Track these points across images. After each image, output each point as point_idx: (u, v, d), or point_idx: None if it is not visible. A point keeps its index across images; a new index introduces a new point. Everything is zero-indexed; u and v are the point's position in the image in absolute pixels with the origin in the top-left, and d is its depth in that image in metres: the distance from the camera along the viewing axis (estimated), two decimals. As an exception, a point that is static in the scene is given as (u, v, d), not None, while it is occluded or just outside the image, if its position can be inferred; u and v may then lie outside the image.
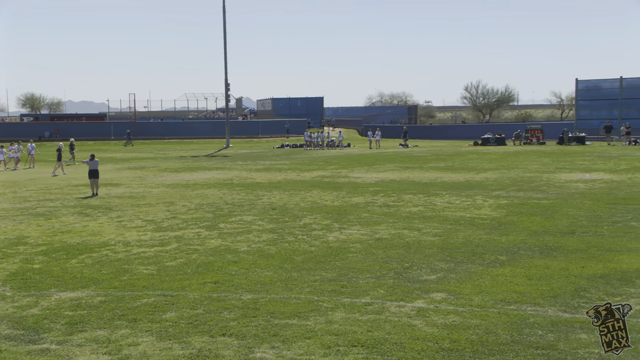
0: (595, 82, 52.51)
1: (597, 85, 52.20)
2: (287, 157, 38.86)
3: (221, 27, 52.71)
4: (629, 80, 50.49)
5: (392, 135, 64.57)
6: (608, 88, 51.18)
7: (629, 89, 50.08)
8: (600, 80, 52.50)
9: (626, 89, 49.95)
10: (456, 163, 29.50)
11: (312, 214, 14.67)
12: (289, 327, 6.74)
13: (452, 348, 6.02)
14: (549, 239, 11.02)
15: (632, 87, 50.38)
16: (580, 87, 52.17)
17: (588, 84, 52.31)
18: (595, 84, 52.34)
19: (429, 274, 8.90)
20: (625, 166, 25.11)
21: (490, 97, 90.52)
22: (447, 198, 16.82)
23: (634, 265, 8.95)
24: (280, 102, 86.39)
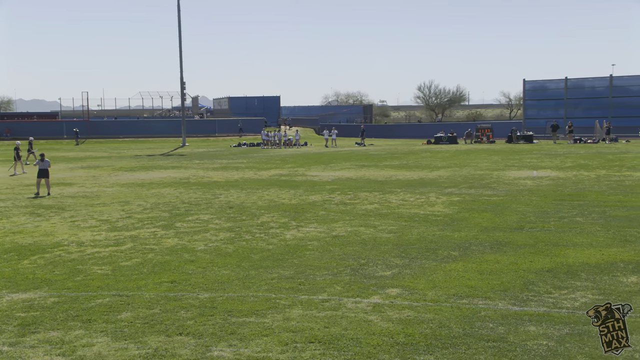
0: (542, 82, 54.16)
1: (544, 86, 53.85)
2: (244, 155, 38.68)
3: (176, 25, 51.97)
4: (574, 80, 52.27)
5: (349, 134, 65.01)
6: (554, 88, 52.88)
7: (573, 89, 51.86)
8: (546, 81, 54.18)
9: (571, 89, 51.71)
10: (410, 161, 29.96)
11: (269, 212, 14.70)
12: (246, 325, 6.78)
13: (407, 342, 6.17)
14: (499, 234, 11.35)
15: (577, 87, 52.19)
16: (528, 88, 53.72)
17: (535, 84, 53.91)
18: (542, 84, 53.99)
19: (384, 270, 9.07)
20: (570, 164, 25.99)
21: (442, 97, 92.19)
22: (402, 195, 17.09)
23: (580, 259, 9.32)
24: (237, 101, 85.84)
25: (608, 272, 8.56)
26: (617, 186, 17.84)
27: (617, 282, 8.07)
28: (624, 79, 51.13)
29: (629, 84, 50.57)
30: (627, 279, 8.23)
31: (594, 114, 49.00)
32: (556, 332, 6.33)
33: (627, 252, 9.67)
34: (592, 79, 52.34)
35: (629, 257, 9.35)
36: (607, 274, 8.47)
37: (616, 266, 8.88)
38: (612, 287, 7.88)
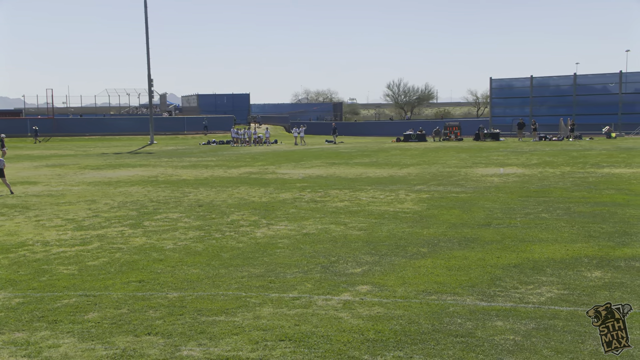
0: (508, 81, 55.10)
1: (510, 84, 54.81)
2: (213, 153, 38.41)
3: (143, 20, 51.24)
4: (539, 79, 53.30)
5: (319, 132, 65.06)
6: (520, 86, 53.86)
7: (539, 88, 52.89)
8: (512, 79, 55.14)
9: (536, 87, 52.72)
10: (380, 159, 30.14)
11: (239, 210, 14.63)
12: (216, 324, 6.74)
13: (377, 339, 6.21)
14: (467, 231, 11.50)
15: (542, 85, 53.25)
16: (494, 86, 54.59)
17: (501, 82, 54.81)
18: (508, 82, 54.93)
19: (354, 267, 9.11)
20: (536, 161, 26.48)
21: (411, 95, 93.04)
22: (372, 193, 17.19)
23: (545, 255, 9.51)
24: (206, 99, 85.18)
25: (573, 267, 8.75)
26: (581, 183, 18.24)
27: (582, 277, 8.25)
28: (588, 77, 52.29)
29: (592, 82, 51.77)
30: (591, 273, 8.42)
31: (559, 111, 50.04)
32: (522, 327, 6.44)
33: (591, 248, 9.90)
34: (557, 78, 53.43)
35: (593, 253, 9.57)
36: (571, 269, 8.65)
37: (580, 261, 9.08)
38: (576, 282, 8.06)
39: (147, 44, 52.23)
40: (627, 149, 32.61)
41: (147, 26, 51.66)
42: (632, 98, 49.66)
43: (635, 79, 50.03)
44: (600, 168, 22.57)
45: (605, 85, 51.20)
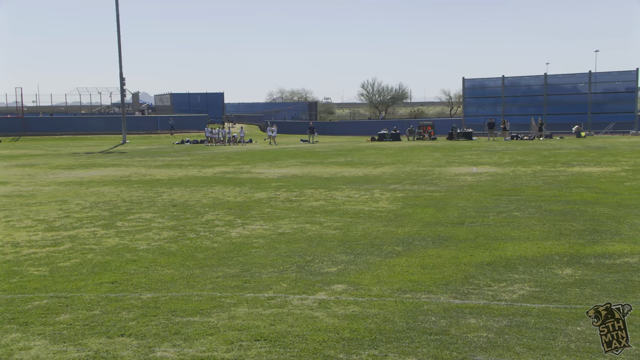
0: (480, 80, 55.78)
1: (482, 84, 55.50)
2: (187, 153, 38.10)
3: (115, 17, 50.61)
4: (510, 79, 54.07)
5: (294, 131, 65.03)
6: (492, 86, 54.58)
7: (510, 87, 53.67)
8: (484, 79, 55.83)
9: (508, 87, 53.49)
10: (355, 158, 30.24)
11: (214, 210, 14.54)
12: (190, 325, 6.69)
13: (352, 337, 6.23)
14: (441, 229, 11.61)
15: (513, 85, 54.04)
16: (467, 86, 55.22)
17: (474, 82, 55.46)
18: (481, 82, 55.61)
19: (330, 266, 9.12)
20: (508, 160, 26.84)
21: (385, 94, 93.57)
22: (347, 192, 17.24)
23: (517, 253, 9.64)
24: (180, 98, 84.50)
25: (544, 265, 8.89)
26: (552, 181, 18.54)
27: (553, 275, 8.39)
28: (558, 77, 53.21)
29: (562, 82, 52.69)
30: (562, 271, 8.57)
31: (530, 111, 50.83)
32: (495, 324, 6.52)
33: (562, 245, 10.07)
34: (528, 78, 54.26)
35: (564, 250, 9.74)
36: (543, 267, 8.79)
37: (552, 259, 9.23)
38: (548, 279, 8.19)
39: (118, 41, 51.60)
40: (596, 147, 33.24)
41: (118, 24, 51.04)
42: (601, 98, 50.68)
43: (604, 79, 51.05)
44: (570, 167, 22.97)
45: (575, 85, 52.15)
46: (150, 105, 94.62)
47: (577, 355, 5.66)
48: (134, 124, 63.69)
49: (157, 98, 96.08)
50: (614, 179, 18.59)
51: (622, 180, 18.22)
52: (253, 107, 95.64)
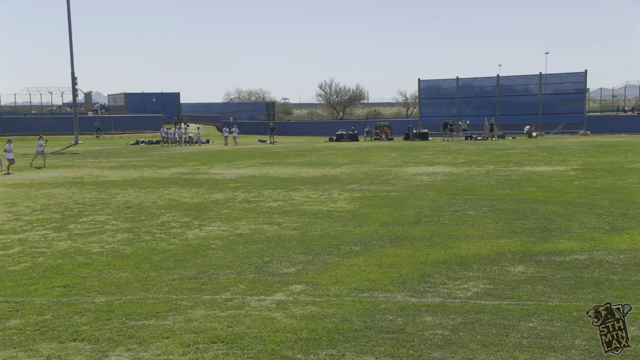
0: (436, 82, 56.62)
1: (437, 85, 56.35)
2: (142, 154, 37.46)
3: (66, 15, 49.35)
4: (465, 80, 55.09)
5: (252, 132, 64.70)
6: (447, 87, 55.48)
7: (464, 89, 54.68)
8: (439, 80, 56.70)
9: (462, 88, 54.48)
10: (313, 158, 30.30)
11: (170, 211, 14.34)
12: (146, 328, 6.58)
13: (310, 337, 6.24)
14: (398, 228, 11.73)
15: (467, 86, 55.08)
16: (423, 87, 55.97)
17: (429, 83, 56.26)
18: (436, 83, 56.45)
19: (288, 267, 9.11)
20: (462, 160, 27.34)
21: (342, 95, 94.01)
22: (306, 192, 17.25)
23: (471, 251, 9.83)
24: (134, 97, 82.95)
25: (497, 263, 9.09)
26: (505, 180, 18.97)
27: (506, 272, 8.59)
28: (510, 78, 54.44)
29: (514, 83, 53.93)
30: (514, 268, 8.78)
31: (484, 111, 51.85)
32: (450, 322, 6.63)
33: (514, 243, 10.32)
34: (481, 79, 55.35)
35: (516, 248, 9.98)
36: (496, 264, 8.99)
37: (504, 257, 9.44)
38: (501, 276, 8.37)
39: (70, 40, 50.36)
40: (546, 147, 34.18)
41: (69, 22, 49.81)
42: (551, 99, 52.09)
43: (554, 80, 52.48)
44: (522, 166, 23.55)
45: (526, 86, 53.46)
46: (104, 105, 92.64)
47: (529, 351, 5.81)
48: (86, 124, 62.27)
49: (111, 98, 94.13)
50: (564, 178, 19.15)
51: (571, 180, 18.78)
52: (210, 107, 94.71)
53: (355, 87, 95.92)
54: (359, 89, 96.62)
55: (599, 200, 14.55)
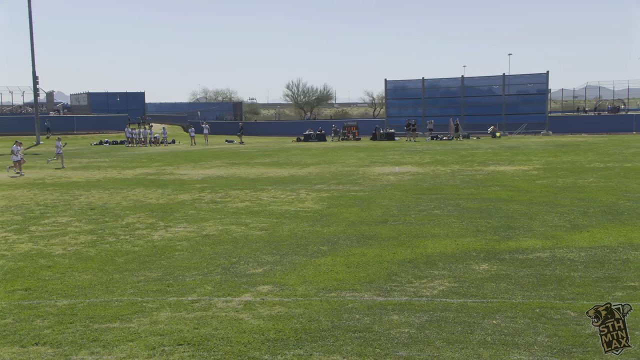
0: (402, 82, 57.08)
1: (404, 86, 56.81)
2: (106, 154, 36.85)
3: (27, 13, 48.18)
4: (430, 81, 55.68)
5: (219, 132, 64.20)
6: (413, 88, 55.97)
7: (430, 89, 55.27)
8: (405, 81, 57.18)
9: (428, 89, 55.06)
10: (281, 159, 30.24)
11: (135, 212, 14.13)
12: (110, 331, 6.47)
13: (277, 338, 6.23)
14: (365, 228, 11.80)
15: (433, 87, 55.69)
16: (389, 87, 56.37)
17: (396, 84, 56.69)
18: (402, 84, 56.91)
19: (255, 267, 9.08)
20: (428, 159, 27.64)
21: (310, 95, 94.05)
22: (273, 193, 17.21)
23: (437, 250, 9.95)
24: (97, 97, 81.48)
25: (462, 261, 9.21)
26: (470, 180, 19.24)
27: (471, 270, 8.71)
28: (474, 79, 55.20)
29: (478, 84, 54.71)
30: (479, 266, 8.91)
31: (449, 112, 52.48)
32: (417, 320, 6.70)
33: (478, 242, 10.47)
34: (446, 80, 56.02)
35: (481, 246, 10.13)
36: (461, 263, 9.11)
37: (469, 255, 9.58)
38: (466, 274, 8.49)
39: (31, 39, 49.20)
40: (510, 147, 34.78)
41: (30, 20, 48.66)
42: (514, 99, 53.03)
43: (516, 82, 53.42)
44: (486, 166, 23.92)
45: (490, 87, 54.30)
46: (66, 105, 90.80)
47: (493, 348, 5.90)
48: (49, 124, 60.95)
49: (74, 97, 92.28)
50: (527, 178, 19.53)
51: (534, 179, 19.16)
52: (176, 107, 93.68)
53: (323, 88, 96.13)
54: (327, 89, 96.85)
55: (560, 199, 14.88)
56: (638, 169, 20.78)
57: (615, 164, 22.97)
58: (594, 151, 29.66)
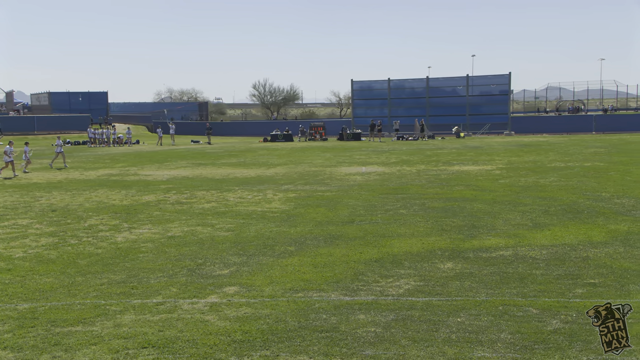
0: (368, 83, 57.41)
1: (370, 86, 57.15)
2: (68, 155, 36.10)
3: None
4: (396, 81, 56.15)
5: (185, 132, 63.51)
6: (379, 88, 56.35)
7: (396, 90, 55.73)
8: (372, 81, 57.53)
9: (393, 89, 55.51)
10: (248, 159, 30.09)
11: (98, 214, 13.89)
12: (72, 335, 6.35)
13: (244, 339, 6.20)
14: (332, 228, 11.83)
15: (398, 87, 56.17)
16: (355, 88, 56.63)
17: (362, 84, 56.98)
18: (368, 84, 57.24)
19: (222, 268, 9.02)
20: (394, 159, 27.87)
21: (277, 95, 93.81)
22: (240, 193, 17.11)
23: (403, 249, 10.04)
24: (59, 97, 79.69)
25: (428, 260, 9.32)
26: (435, 179, 19.47)
27: (436, 269, 8.82)
28: (439, 80, 55.85)
29: (443, 85, 55.39)
30: (444, 265, 9.03)
31: (415, 112, 52.96)
32: (383, 319, 6.75)
33: (443, 241, 10.61)
34: (412, 80, 56.55)
35: (445, 245, 10.26)
36: (427, 262, 9.21)
37: (434, 254, 9.70)
38: (431, 273, 8.59)
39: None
40: (474, 147, 35.31)
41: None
42: (478, 100, 53.86)
43: (480, 82, 54.27)
44: (451, 166, 24.24)
45: (454, 88, 55.02)
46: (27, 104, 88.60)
47: (458, 346, 5.99)
48: (7, 124, 59.47)
49: (34, 97, 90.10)
50: (490, 177, 19.86)
51: (497, 178, 19.49)
52: (140, 107, 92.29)
53: (290, 88, 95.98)
54: (293, 90, 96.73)
55: (522, 198, 15.17)
56: (597, 169, 21.34)
57: (575, 163, 23.54)
58: (555, 151, 30.34)
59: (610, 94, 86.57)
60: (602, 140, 38.18)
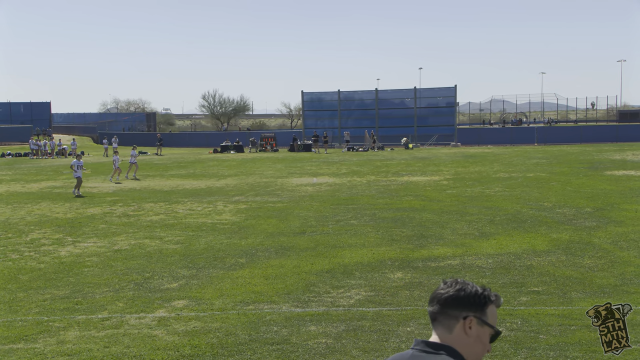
0: (318, 94, 57.74)
1: (320, 97, 57.49)
2: (8, 167, 34.86)
3: None
4: (346, 93, 56.70)
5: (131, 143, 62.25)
6: (329, 100, 56.77)
7: (345, 101, 56.26)
8: (322, 93, 57.90)
9: (343, 101, 56.02)
10: (197, 170, 29.73)
11: (40, 228, 13.44)
12: (13, 352, 6.10)
13: (193, 354, 6.10)
14: (283, 239, 11.80)
15: (348, 99, 56.74)
16: (306, 99, 56.86)
17: (312, 95, 57.27)
18: (318, 95, 57.57)
19: (170, 282, 8.86)
20: (345, 170, 28.08)
21: (227, 106, 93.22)
22: (189, 205, 16.88)
23: (354, 259, 10.10)
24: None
25: (378, 270, 9.41)
26: (384, 190, 19.70)
27: (386, 279, 8.91)
28: (387, 92, 56.70)
29: (391, 97, 56.25)
30: (394, 275, 9.13)
31: (364, 124, 53.55)
32: (334, 330, 6.77)
33: (393, 251, 10.73)
34: (361, 92, 57.19)
35: (395, 255, 10.39)
36: (377, 272, 9.30)
37: (385, 264, 9.79)
38: (381, 283, 8.67)
39: None
40: (422, 158, 35.94)
41: None
42: (425, 112, 54.91)
43: (427, 95, 55.39)
44: (400, 176, 24.59)
45: (402, 100, 55.97)
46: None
47: (408, 353, 6.05)
48: (-57, 134, 57.00)
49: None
50: (438, 187, 20.24)
51: (444, 189, 19.89)
52: (85, 118, 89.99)
53: (240, 98, 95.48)
54: (244, 100, 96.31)
55: (469, 208, 15.52)
56: (539, 179, 22.04)
57: (518, 174, 24.25)
58: (499, 162, 31.18)
59: (551, 106, 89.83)
60: (544, 151, 39.51)
